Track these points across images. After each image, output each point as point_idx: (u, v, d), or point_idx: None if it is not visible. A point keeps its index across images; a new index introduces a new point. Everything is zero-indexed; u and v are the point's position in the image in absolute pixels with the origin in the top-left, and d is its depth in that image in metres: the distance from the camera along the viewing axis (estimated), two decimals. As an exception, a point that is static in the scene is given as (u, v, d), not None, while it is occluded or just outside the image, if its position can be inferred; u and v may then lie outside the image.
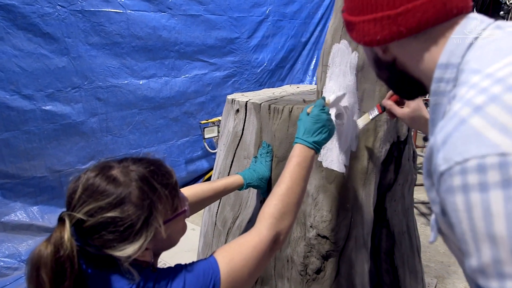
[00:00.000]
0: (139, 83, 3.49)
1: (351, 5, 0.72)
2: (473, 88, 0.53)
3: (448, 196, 0.51)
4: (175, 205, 0.83)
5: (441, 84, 0.63)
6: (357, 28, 0.71)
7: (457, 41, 0.62)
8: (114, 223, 0.71)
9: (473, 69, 0.56)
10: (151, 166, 0.80)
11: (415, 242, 1.78)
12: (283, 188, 0.97)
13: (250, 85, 4.52)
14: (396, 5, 0.64)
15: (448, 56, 0.62)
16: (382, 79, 0.82)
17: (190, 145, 4.08)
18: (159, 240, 0.80)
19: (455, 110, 0.53)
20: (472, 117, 0.50)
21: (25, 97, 2.80)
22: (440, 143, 0.53)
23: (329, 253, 1.34)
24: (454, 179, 0.50)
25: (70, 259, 0.68)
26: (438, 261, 2.88)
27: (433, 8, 0.63)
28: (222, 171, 1.64)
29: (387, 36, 0.67)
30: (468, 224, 0.49)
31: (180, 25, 3.67)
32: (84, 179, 0.75)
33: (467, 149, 0.49)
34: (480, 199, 0.48)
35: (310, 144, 1.03)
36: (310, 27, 5.06)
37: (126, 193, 0.73)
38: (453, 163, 0.50)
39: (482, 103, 0.50)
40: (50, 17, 2.81)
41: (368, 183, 1.37)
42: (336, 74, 1.29)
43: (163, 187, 0.79)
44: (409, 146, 1.57)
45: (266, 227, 0.89)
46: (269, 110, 1.38)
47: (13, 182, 2.83)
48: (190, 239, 3.20)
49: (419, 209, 3.68)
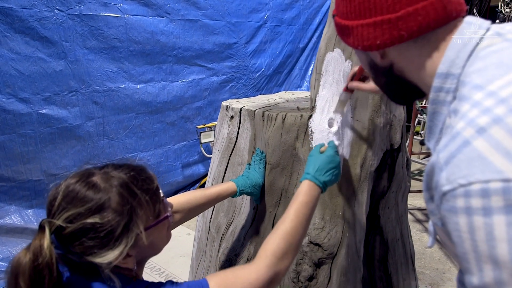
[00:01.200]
0: (137, 87, 3.50)
1: (347, 9, 0.70)
2: (476, 107, 0.53)
3: (451, 215, 0.53)
4: (156, 211, 0.82)
5: (440, 94, 0.63)
6: (354, 32, 0.69)
7: (457, 49, 0.61)
8: (94, 229, 0.71)
9: (475, 84, 0.56)
10: (131, 172, 0.80)
11: (409, 250, 1.78)
12: (288, 227, 0.94)
13: (248, 90, 4.53)
14: (396, 8, 0.62)
15: (449, 66, 0.61)
16: (379, 85, 0.80)
17: (186, 150, 4.08)
18: (141, 247, 0.79)
19: (458, 129, 0.54)
20: (476, 139, 0.51)
21: (21, 101, 2.80)
22: (443, 163, 0.54)
23: (322, 260, 1.34)
24: (458, 200, 0.51)
25: (49, 266, 0.68)
26: (433, 268, 2.88)
27: (434, 11, 0.62)
28: (216, 177, 1.64)
29: (388, 40, 0.65)
30: (471, 245, 0.51)
31: (178, 30, 3.69)
32: (64, 186, 0.75)
33: (471, 172, 0.50)
34: (483, 223, 0.49)
35: (320, 183, 1.02)
36: (308, 33, 5.08)
37: (105, 199, 0.73)
38: (457, 185, 0.51)
39: (486, 124, 0.51)
40: (48, 21, 2.82)
41: (361, 191, 1.37)
42: (329, 82, 1.30)
43: (143, 193, 0.78)
44: (403, 153, 1.58)
45: (266, 265, 0.86)
46: (263, 117, 1.39)
47: (8, 185, 2.83)
48: (185, 244, 3.20)
49: (414, 215, 3.69)
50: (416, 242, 3.17)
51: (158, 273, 2.85)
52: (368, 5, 0.65)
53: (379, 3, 0.64)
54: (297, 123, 1.33)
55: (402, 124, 1.51)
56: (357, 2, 0.67)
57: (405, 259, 1.73)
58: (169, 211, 0.86)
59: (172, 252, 3.10)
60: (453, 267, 2.88)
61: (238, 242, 1.51)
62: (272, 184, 1.40)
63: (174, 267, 2.93)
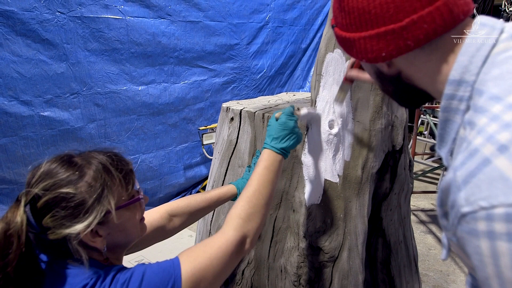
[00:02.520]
0: (138, 89, 3.50)
1: (346, 21, 0.66)
2: (495, 121, 0.50)
3: (471, 238, 0.50)
4: (129, 193, 0.84)
5: (453, 102, 0.60)
6: (357, 45, 0.66)
7: (471, 55, 0.58)
8: (67, 199, 0.74)
9: (492, 95, 0.53)
10: (108, 153, 0.84)
11: (412, 252, 1.76)
12: (250, 190, 0.98)
13: (250, 91, 4.52)
14: (400, 17, 0.59)
15: (462, 72, 0.58)
16: (387, 93, 0.77)
17: (188, 151, 4.07)
18: (112, 229, 0.80)
19: (476, 145, 0.51)
20: (498, 157, 0.48)
21: (23, 103, 2.80)
22: (461, 182, 0.51)
23: (323, 263, 1.32)
24: (479, 224, 0.48)
25: (18, 233, 0.70)
26: (437, 270, 2.85)
27: (440, 16, 0.59)
28: (216, 179, 1.63)
29: (394, 51, 0.62)
30: (494, 270, 0.48)
31: (180, 31, 3.68)
32: (44, 163, 0.79)
33: (493, 194, 0.47)
34: (508, 249, 0.46)
35: (278, 150, 1.06)
36: (310, 33, 5.06)
37: (82, 173, 0.77)
38: (478, 207, 0.48)
39: (507, 141, 0.48)
40: (49, 23, 2.82)
41: (362, 193, 1.35)
42: (329, 83, 1.29)
43: (117, 171, 0.82)
44: (405, 155, 1.56)
45: (232, 227, 0.90)
46: (263, 119, 1.37)
47: (10, 188, 2.83)
48: (187, 245, 3.19)
49: (418, 216, 3.66)
50: (420, 244, 3.14)
51: (160, 275, 2.83)
52: (368, 16, 0.62)
53: (380, 14, 0.61)
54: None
55: (404, 125, 1.49)
56: (356, 13, 0.64)
57: (408, 262, 1.71)
58: (141, 195, 0.88)
59: (174, 254, 3.08)
60: (458, 269, 2.85)
61: (238, 245, 1.50)
62: (273, 186, 1.38)
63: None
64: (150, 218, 1.07)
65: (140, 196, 0.88)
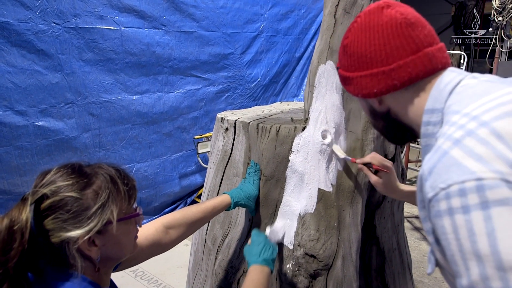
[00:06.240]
0: (132, 99, 3.51)
1: (347, 63, 0.82)
2: (453, 125, 0.62)
3: (437, 220, 0.58)
4: (131, 207, 0.86)
5: (428, 127, 0.72)
6: (354, 82, 0.81)
7: (440, 89, 0.71)
8: (72, 203, 0.76)
9: (453, 111, 0.65)
10: (116, 167, 0.87)
11: (406, 259, 1.78)
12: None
13: (244, 100, 4.55)
14: (389, 61, 0.74)
15: (433, 102, 0.71)
16: (378, 129, 0.91)
17: (183, 160, 4.08)
18: (108, 240, 0.81)
19: (439, 144, 0.62)
20: (453, 149, 0.58)
21: (18, 113, 2.80)
22: (427, 173, 0.61)
23: (317, 271, 1.34)
24: (441, 203, 0.57)
25: (22, 230, 0.72)
26: (432, 276, 2.87)
27: (422, 63, 0.73)
28: (211, 189, 1.64)
29: (383, 88, 0.76)
30: (456, 244, 0.55)
31: (174, 41, 3.71)
32: (54, 170, 0.81)
33: (449, 176, 0.56)
34: (464, 220, 0.54)
35: (262, 262, 1.17)
36: (304, 42, 5.12)
37: (90, 181, 0.80)
38: (439, 189, 0.57)
39: (460, 137, 0.59)
40: (44, 34, 2.84)
41: (356, 202, 1.37)
42: (322, 94, 1.31)
43: (123, 184, 0.85)
44: (398, 163, 1.58)
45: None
46: (257, 129, 1.39)
47: (4, 198, 2.82)
48: (183, 255, 3.18)
49: (413, 223, 3.69)
50: (414, 251, 3.16)
51: (155, 285, 2.83)
52: (365, 59, 0.77)
53: (374, 58, 0.75)
54: (291, 135, 1.33)
55: (396, 134, 1.52)
56: (356, 56, 0.79)
57: (402, 269, 1.72)
58: (140, 210, 0.90)
59: (169, 263, 3.08)
60: (451, 275, 2.87)
61: (234, 254, 1.50)
62: (267, 196, 1.40)
63: (171, 279, 2.91)
64: (146, 232, 1.07)
65: (140, 212, 0.90)
